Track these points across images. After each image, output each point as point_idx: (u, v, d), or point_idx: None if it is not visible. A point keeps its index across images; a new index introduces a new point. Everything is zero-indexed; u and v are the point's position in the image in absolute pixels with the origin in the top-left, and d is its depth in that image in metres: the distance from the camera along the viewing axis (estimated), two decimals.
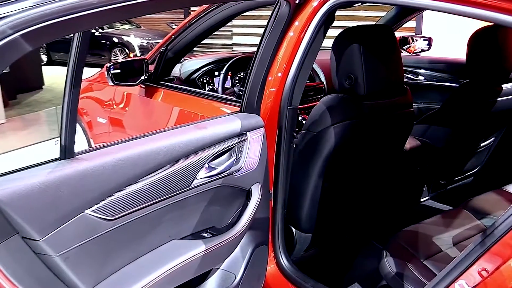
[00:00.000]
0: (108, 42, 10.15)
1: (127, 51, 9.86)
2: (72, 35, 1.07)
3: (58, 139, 1.15)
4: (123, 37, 10.09)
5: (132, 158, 1.23)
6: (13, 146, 4.41)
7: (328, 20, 1.53)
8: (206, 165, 1.39)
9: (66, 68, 1.11)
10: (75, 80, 1.09)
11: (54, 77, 8.24)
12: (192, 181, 1.36)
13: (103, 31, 10.29)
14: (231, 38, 9.50)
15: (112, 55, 10.00)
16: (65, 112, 1.10)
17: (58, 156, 1.14)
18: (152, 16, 10.70)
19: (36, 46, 0.94)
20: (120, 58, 9.64)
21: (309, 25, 1.53)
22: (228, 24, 8.97)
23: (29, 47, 0.90)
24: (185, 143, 1.33)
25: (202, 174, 1.39)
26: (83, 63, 1.10)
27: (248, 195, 1.54)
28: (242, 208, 1.54)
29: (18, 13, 0.88)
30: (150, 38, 9.85)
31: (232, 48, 9.37)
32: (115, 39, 10.11)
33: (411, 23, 6.57)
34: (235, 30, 9.31)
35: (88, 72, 2.92)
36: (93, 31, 10.16)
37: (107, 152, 1.21)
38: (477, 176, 2.49)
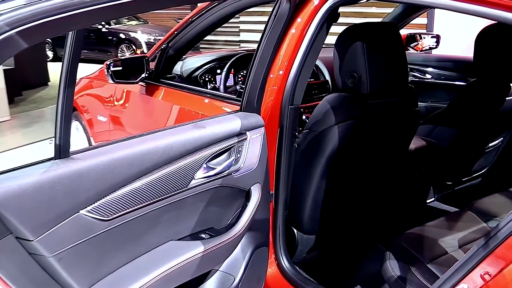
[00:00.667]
0: (114, 38, 10.14)
1: (134, 47, 9.85)
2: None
3: (53, 138, 1.14)
4: (130, 33, 10.07)
5: (128, 157, 1.21)
6: (18, 143, 4.42)
7: (330, 17, 1.51)
8: (204, 165, 1.37)
9: None
10: (69, 79, 1.08)
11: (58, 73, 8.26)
12: (190, 181, 1.34)
13: (109, 27, 10.28)
14: (239, 35, 9.46)
15: (119, 52, 10.00)
16: (59, 111, 1.10)
17: (53, 155, 1.13)
18: (160, 12, 10.68)
19: (32, 43, 0.93)
20: (127, 55, 9.64)
21: (311, 22, 1.51)
22: (235, 21, 9.01)
23: (25, 44, 0.90)
24: (182, 142, 1.32)
25: (200, 174, 1.37)
26: (78, 62, 1.10)
27: (247, 195, 1.51)
28: (241, 209, 1.51)
29: (12, 11, 0.88)
30: (157, 34, 9.80)
31: (239, 45, 9.33)
32: (122, 35, 10.10)
33: (422, 20, 6.44)
34: (242, 26, 9.27)
35: (94, 69, 2.91)
36: (100, 27, 10.18)
37: (103, 151, 1.20)
38: (485, 177, 2.45)
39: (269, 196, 1.59)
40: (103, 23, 10.16)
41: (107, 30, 10.21)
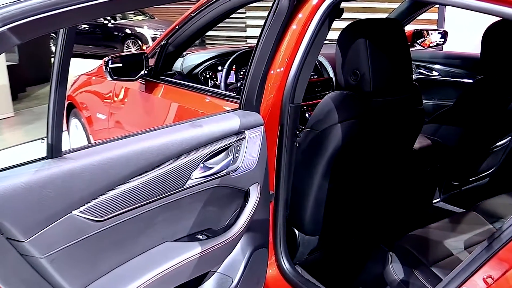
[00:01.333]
0: (120, 34, 10.12)
1: (140, 43, 9.83)
2: (80, 27, 1.06)
3: (45, 138, 1.12)
4: (136, 28, 10.04)
5: (123, 157, 1.19)
6: (21, 140, 4.42)
7: (332, 12, 1.48)
8: (202, 165, 1.35)
9: (77, 59, 1.10)
10: (61, 77, 1.07)
11: None
12: (186, 181, 1.32)
13: (115, 22, 10.26)
14: (245, 31, 9.41)
15: (125, 47, 9.98)
16: (51, 110, 1.09)
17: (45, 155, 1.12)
18: (166, 7, 10.66)
19: (24, 40, 0.92)
20: (133, 50, 9.63)
21: (313, 18, 1.47)
22: (241, 16, 8.97)
23: (17, 41, 0.90)
24: (179, 141, 1.29)
25: (197, 174, 1.34)
26: (69, 60, 1.08)
27: (246, 196, 1.49)
28: (240, 210, 1.49)
29: (2, 8, 0.88)
30: (163, 30, 9.69)
31: (246, 40, 9.30)
32: (128, 31, 10.08)
33: (433, 16, 6.32)
34: (249, 22, 9.22)
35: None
36: (105, 22, 10.17)
37: (97, 151, 1.18)
38: (492, 177, 2.40)
39: (268, 196, 1.56)
40: (108, 18, 10.16)
41: (112, 26, 10.20)
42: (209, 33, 9.59)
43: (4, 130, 5.03)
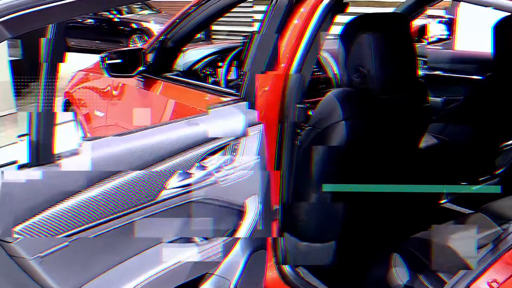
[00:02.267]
0: (127, 28, 10.09)
1: (146, 38, 9.81)
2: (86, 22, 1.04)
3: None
4: (142, 23, 10.00)
5: (115, 155, 1.17)
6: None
7: (336, 6, 1.45)
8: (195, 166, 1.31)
9: (83, 54, 1.08)
10: (51, 74, 1.05)
11: (70, 64, 8.23)
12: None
13: (121, 17, 10.22)
14: (253, 26, 9.38)
15: (131, 42, 9.97)
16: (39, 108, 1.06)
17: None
18: (173, 0, 10.64)
19: (15, 34, 0.91)
20: (139, 46, 9.59)
21: (315, 12, 1.44)
22: (248, 10, 8.92)
23: (8, 35, 0.89)
24: (174, 140, 1.26)
25: (176, 183, 1.29)
26: (60, 57, 1.06)
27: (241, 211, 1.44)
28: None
29: None
30: None
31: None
32: (134, 25, 10.06)
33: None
34: (256, 16, 9.18)
35: None
36: (112, 16, 10.14)
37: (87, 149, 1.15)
38: (503, 178, 2.35)
39: (271, 212, 1.50)
40: (114, 12, 10.14)
41: (119, 20, 10.17)
42: (215, 27, 9.57)
43: (6, 126, 5.03)
